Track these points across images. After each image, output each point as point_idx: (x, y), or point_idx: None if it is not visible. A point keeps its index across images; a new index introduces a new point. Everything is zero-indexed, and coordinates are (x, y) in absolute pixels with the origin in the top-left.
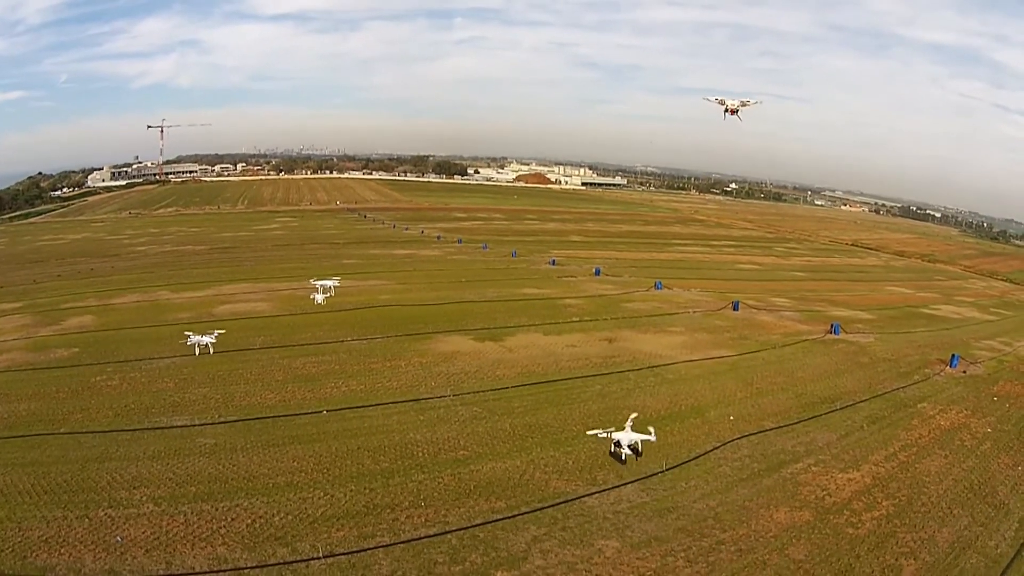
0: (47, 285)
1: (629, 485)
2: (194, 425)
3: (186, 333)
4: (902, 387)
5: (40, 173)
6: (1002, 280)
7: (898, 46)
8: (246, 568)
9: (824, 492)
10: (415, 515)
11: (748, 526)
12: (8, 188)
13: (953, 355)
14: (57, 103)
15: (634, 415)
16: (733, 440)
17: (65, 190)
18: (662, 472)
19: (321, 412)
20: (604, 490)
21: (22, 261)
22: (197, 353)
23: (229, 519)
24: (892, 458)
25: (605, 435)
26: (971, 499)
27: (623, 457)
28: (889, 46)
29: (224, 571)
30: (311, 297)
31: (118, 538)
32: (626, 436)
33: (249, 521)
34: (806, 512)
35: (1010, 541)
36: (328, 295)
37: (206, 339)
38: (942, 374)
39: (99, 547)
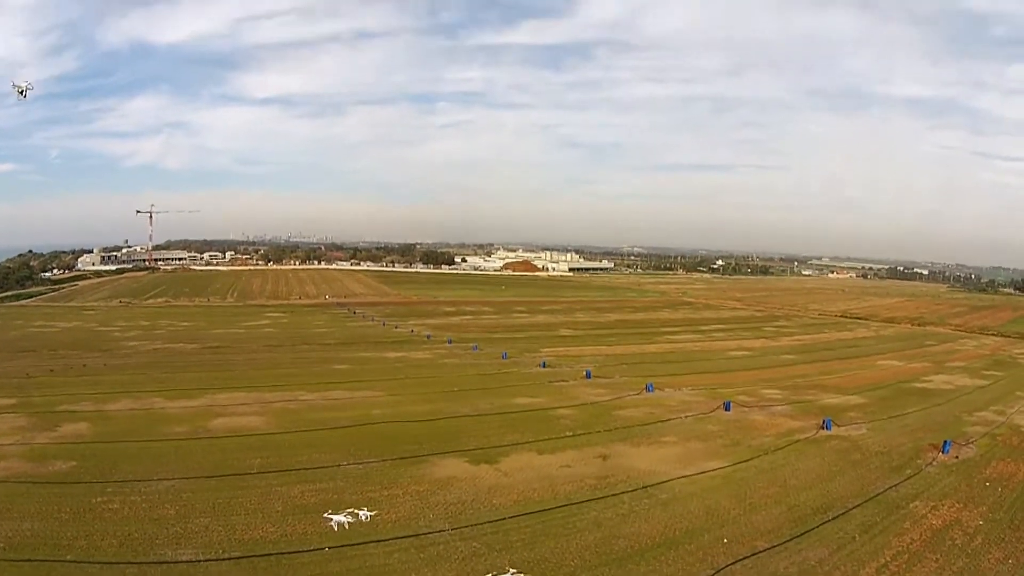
0: (40, 380)
1: None
2: (199, 561)
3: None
4: (894, 485)
5: (31, 251)
6: (993, 335)
7: (875, 104)
8: None
9: None
10: None
11: None
12: None
13: (945, 441)
14: (47, 178)
15: None
16: (727, 566)
17: (55, 271)
18: None
19: (323, 549)
20: None
21: (14, 349)
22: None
23: None
24: (883, 570)
25: None
26: None
27: None
28: (866, 105)
29: None
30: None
31: None
32: None
33: None
34: None
35: None
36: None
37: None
38: (935, 463)
39: None
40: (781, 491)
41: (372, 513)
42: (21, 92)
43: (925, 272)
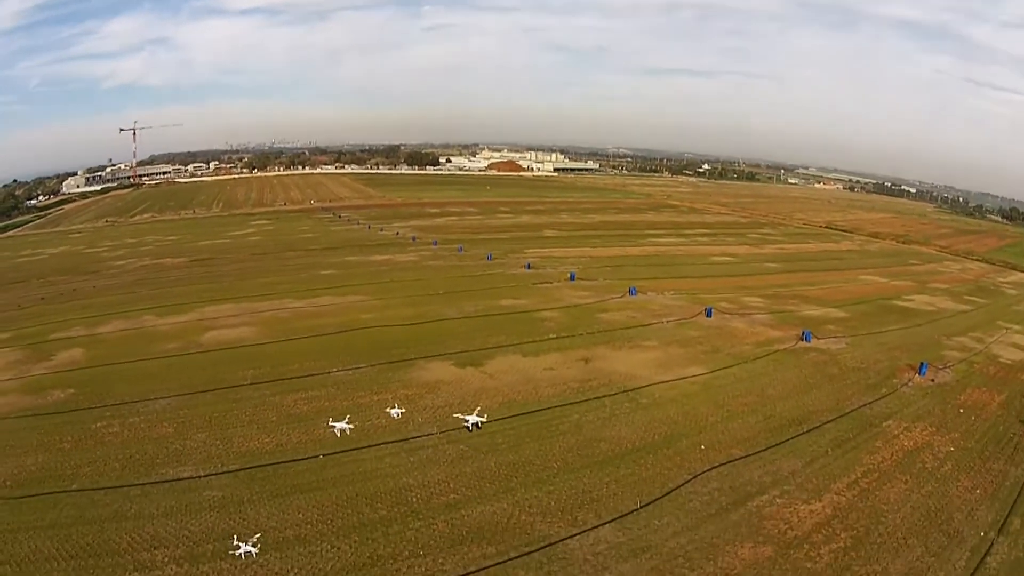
0: (32, 310)
1: (607, 525)
2: (199, 476)
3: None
4: (869, 403)
5: (15, 181)
6: (978, 260)
7: (866, 22)
8: None
9: (786, 525)
10: (415, 564)
11: (715, 563)
12: None
13: (922, 363)
14: (30, 106)
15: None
16: (703, 472)
17: (41, 198)
18: (637, 510)
19: (317, 457)
20: (584, 531)
21: (3, 281)
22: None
23: None
24: (853, 486)
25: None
26: (927, 528)
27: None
28: (857, 22)
29: None
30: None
31: None
32: (472, 417)
33: None
34: (768, 547)
35: (960, 572)
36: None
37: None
38: (910, 384)
39: None
40: (758, 401)
41: (402, 411)
42: None
43: (913, 190)
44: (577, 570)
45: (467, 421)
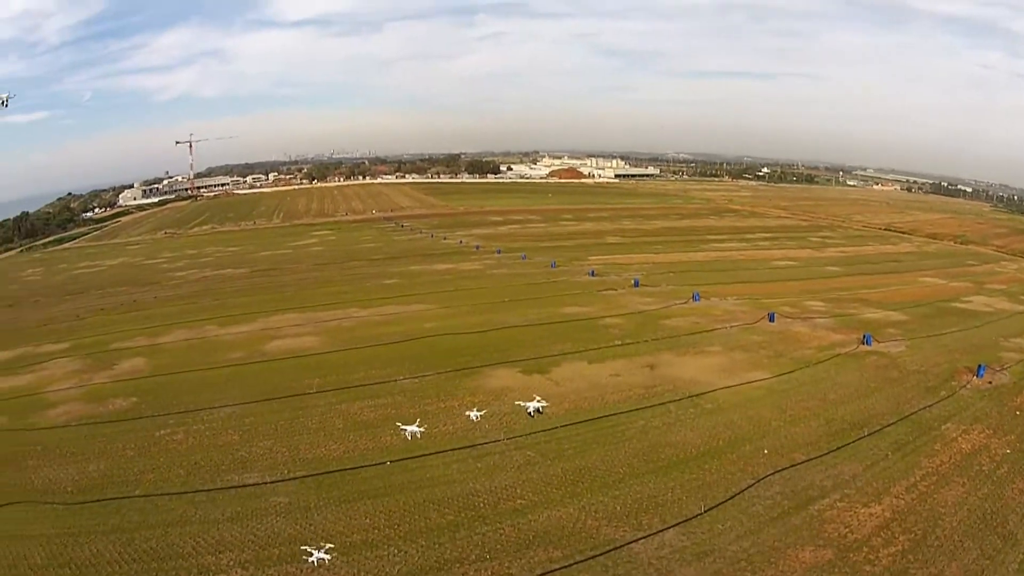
0: (91, 320)
1: (671, 529)
2: (265, 483)
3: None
4: (928, 406)
5: (70, 194)
6: None
7: (913, 19)
8: None
9: (847, 529)
10: (482, 568)
11: (776, 567)
12: (39, 211)
13: (980, 365)
14: (82, 120)
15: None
16: (766, 476)
17: (96, 210)
18: (701, 514)
19: (384, 463)
20: (649, 535)
21: (61, 292)
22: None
23: None
24: (912, 489)
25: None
26: (982, 530)
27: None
28: (904, 20)
29: None
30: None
31: None
32: (533, 404)
33: None
34: (829, 551)
35: (1013, 574)
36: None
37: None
38: (968, 386)
39: None
40: (820, 405)
41: (482, 412)
42: (3, 103)
43: (968, 189)
44: (641, 573)
45: (528, 408)
